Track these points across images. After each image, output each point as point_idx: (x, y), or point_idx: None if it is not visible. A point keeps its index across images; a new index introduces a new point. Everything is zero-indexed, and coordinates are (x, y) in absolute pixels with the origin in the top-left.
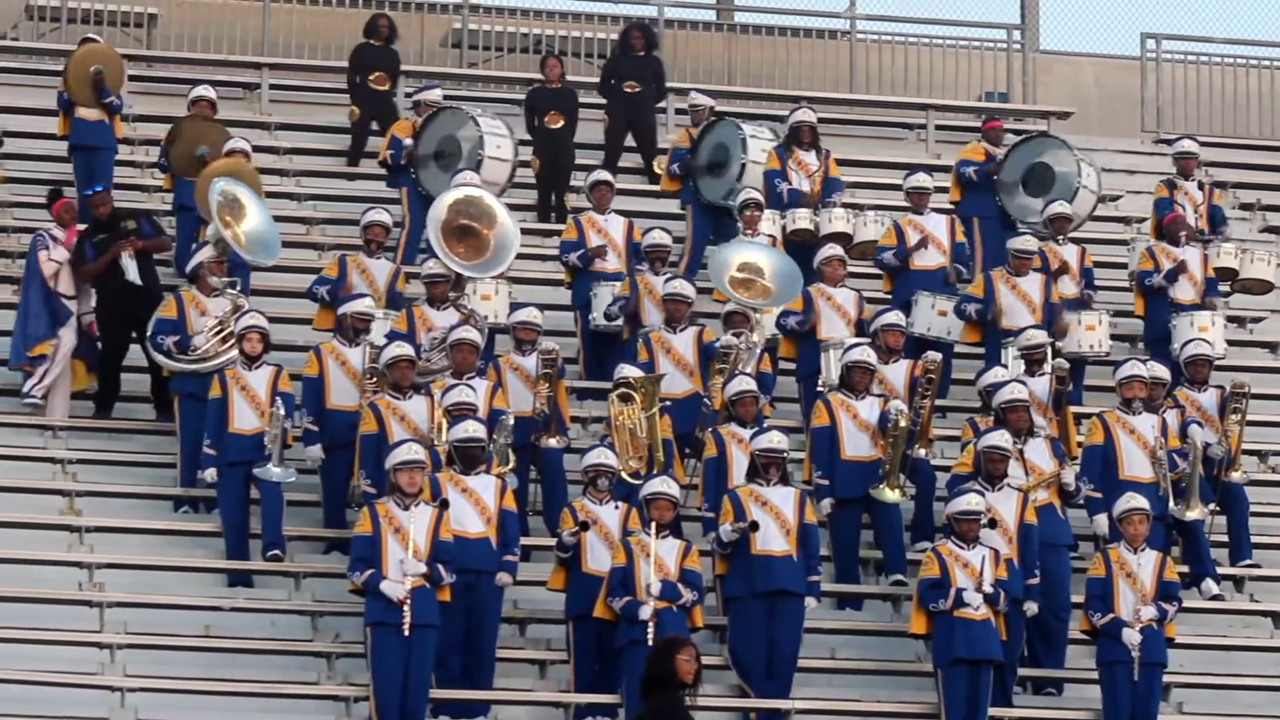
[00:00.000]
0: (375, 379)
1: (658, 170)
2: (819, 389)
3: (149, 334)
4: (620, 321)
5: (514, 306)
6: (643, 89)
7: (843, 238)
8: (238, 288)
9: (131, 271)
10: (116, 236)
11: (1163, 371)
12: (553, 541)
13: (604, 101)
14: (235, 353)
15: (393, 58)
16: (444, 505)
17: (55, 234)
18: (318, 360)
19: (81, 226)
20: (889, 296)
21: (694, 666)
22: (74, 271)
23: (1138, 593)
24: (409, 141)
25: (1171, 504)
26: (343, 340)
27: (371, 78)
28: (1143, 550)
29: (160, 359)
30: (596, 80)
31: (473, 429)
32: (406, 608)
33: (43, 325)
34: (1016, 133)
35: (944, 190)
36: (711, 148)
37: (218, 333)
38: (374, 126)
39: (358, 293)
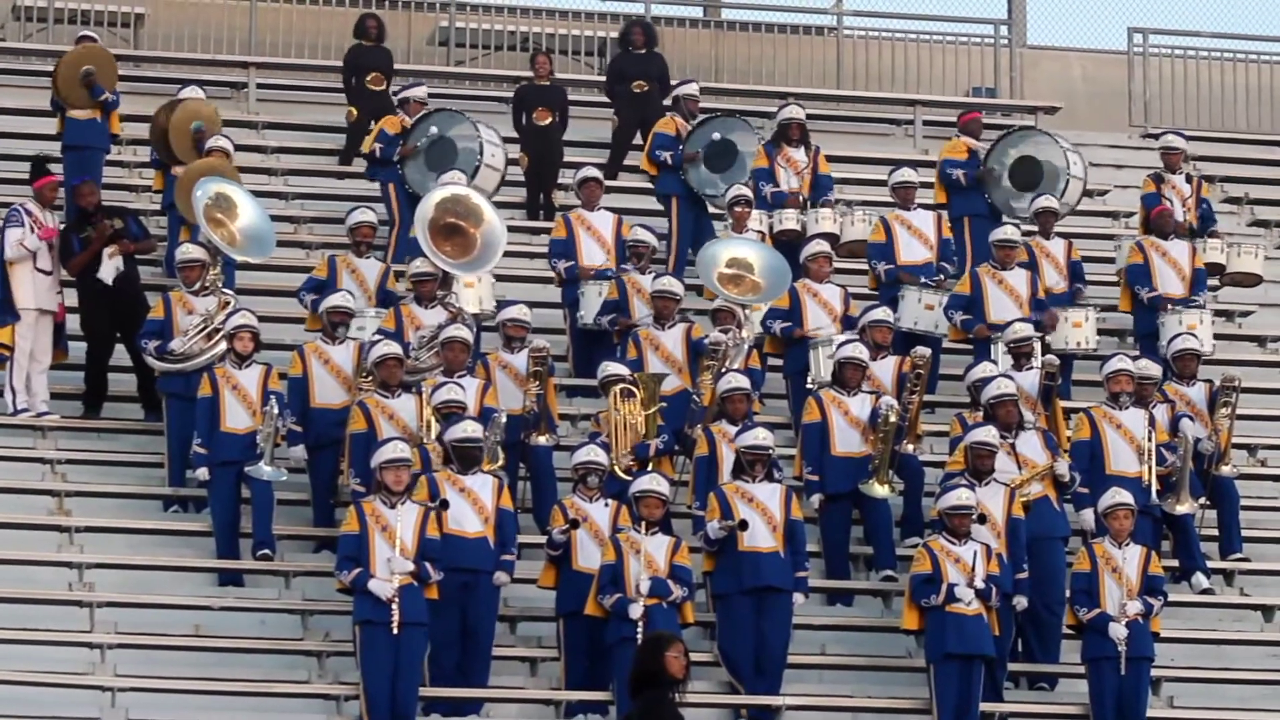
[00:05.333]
0: (370, 377)
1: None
2: (808, 385)
3: (138, 335)
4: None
5: (501, 304)
6: (650, 87)
7: (831, 237)
8: (221, 284)
9: (107, 271)
10: (102, 232)
11: (1154, 369)
12: (543, 539)
13: (598, 100)
14: (220, 349)
15: (386, 57)
16: (444, 506)
17: (30, 209)
18: (301, 360)
19: (62, 225)
20: (875, 294)
21: (683, 663)
22: (61, 266)
23: (1123, 587)
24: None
25: (1154, 497)
26: (326, 339)
27: (368, 79)
28: (1127, 545)
29: (149, 361)
30: (585, 78)
31: (471, 429)
32: (395, 606)
33: None
34: (1000, 127)
35: (930, 186)
36: (713, 141)
37: (201, 330)
38: (371, 126)
39: (335, 289)
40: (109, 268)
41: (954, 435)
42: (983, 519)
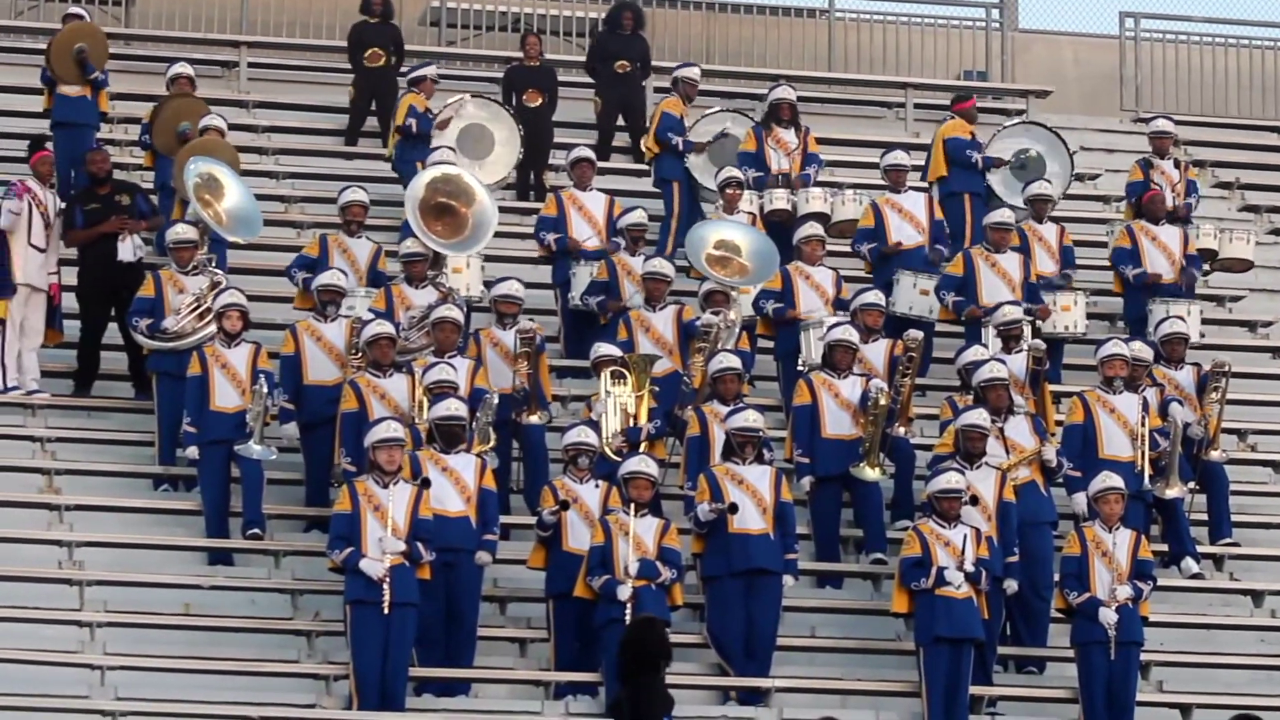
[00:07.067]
0: (360, 355)
1: (645, 148)
2: (799, 368)
3: (128, 313)
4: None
5: (489, 283)
6: (632, 68)
7: (821, 217)
8: (213, 263)
9: (126, 251)
10: (109, 209)
11: (1147, 352)
12: (533, 520)
13: (586, 81)
14: (212, 329)
15: (393, 33)
16: (425, 484)
17: (30, 185)
18: (294, 338)
19: (62, 207)
20: (869, 276)
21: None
22: (61, 237)
23: (1113, 571)
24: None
25: (1147, 482)
26: (318, 316)
27: (366, 55)
28: (1118, 529)
29: (138, 339)
30: (575, 59)
31: (454, 407)
32: (386, 586)
33: None
34: (990, 111)
35: (919, 168)
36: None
37: (194, 310)
38: (373, 106)
39: (327, 268)
40: (127, 249)
41: (944, 418)
42: (975, 500)
